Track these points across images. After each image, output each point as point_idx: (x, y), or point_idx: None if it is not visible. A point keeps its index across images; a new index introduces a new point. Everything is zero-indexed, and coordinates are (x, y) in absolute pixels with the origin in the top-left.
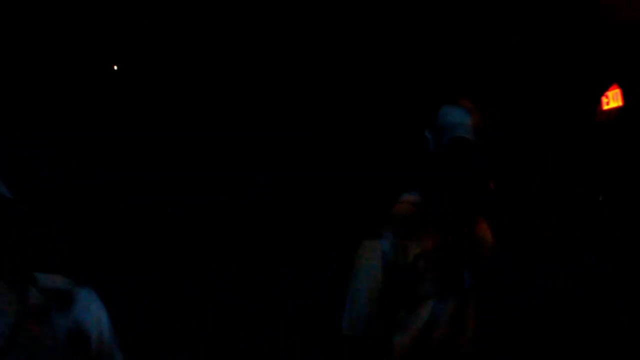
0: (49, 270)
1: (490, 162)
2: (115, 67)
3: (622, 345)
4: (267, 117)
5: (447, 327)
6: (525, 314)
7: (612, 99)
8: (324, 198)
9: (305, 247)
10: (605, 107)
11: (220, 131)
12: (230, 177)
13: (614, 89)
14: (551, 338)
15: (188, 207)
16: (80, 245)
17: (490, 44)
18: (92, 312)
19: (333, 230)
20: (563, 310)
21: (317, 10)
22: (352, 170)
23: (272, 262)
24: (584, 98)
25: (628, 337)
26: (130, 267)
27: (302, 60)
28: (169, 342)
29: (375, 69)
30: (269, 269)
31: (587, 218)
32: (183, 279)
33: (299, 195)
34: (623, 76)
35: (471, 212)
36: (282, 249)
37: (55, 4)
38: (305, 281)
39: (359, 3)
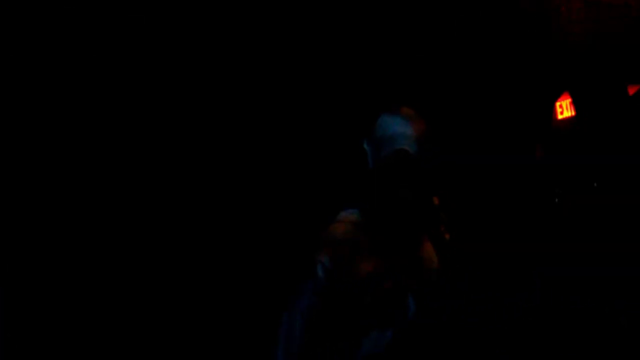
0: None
1: (434, 176)
2: None
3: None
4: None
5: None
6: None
7: (566, 109)
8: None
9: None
10: (560, 117)
11: None
12: None
13: (566, 98)
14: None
15: None
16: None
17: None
18: None
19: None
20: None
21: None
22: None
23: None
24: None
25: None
26: None
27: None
28: None
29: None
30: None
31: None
32: None
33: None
34: (574, 85)
35: (416, 232)
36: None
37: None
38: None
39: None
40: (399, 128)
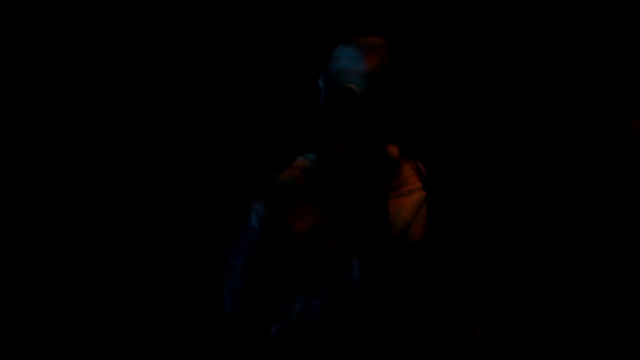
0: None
1: (382, 123)
2: None
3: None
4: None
5: (321, 328)
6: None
7: None
8: None
9: None
10: None
11: None
12: None
13: None
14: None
15: None
16: None
17: None
18: None
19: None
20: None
21: None
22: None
23: None
24: None
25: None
26: None
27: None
28: None
29: None
30: None
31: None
32: None
33: None
34: None
35: (371, 187)
36: None
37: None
38: None
39: None
40: (350, 62)
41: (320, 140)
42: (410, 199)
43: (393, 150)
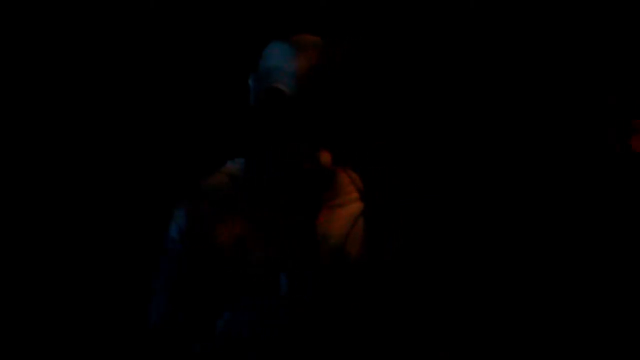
0: None
1: (315, 127)
2: None
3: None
4: None
5: (247, 345)
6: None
7: None
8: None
9: None
10: None
11: None
12: None
13: None
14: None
15: None
16: None
17: None
18: None
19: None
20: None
21: None
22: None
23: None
24: None
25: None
26: None
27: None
28: None
29: None
30: None
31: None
32: None
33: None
34: None
35: (307, 195)
36: None
37: None
38: None
39: None
40: (280, 61)
41: (249, 144)
42: (346, 210)
43: (325, 157)
